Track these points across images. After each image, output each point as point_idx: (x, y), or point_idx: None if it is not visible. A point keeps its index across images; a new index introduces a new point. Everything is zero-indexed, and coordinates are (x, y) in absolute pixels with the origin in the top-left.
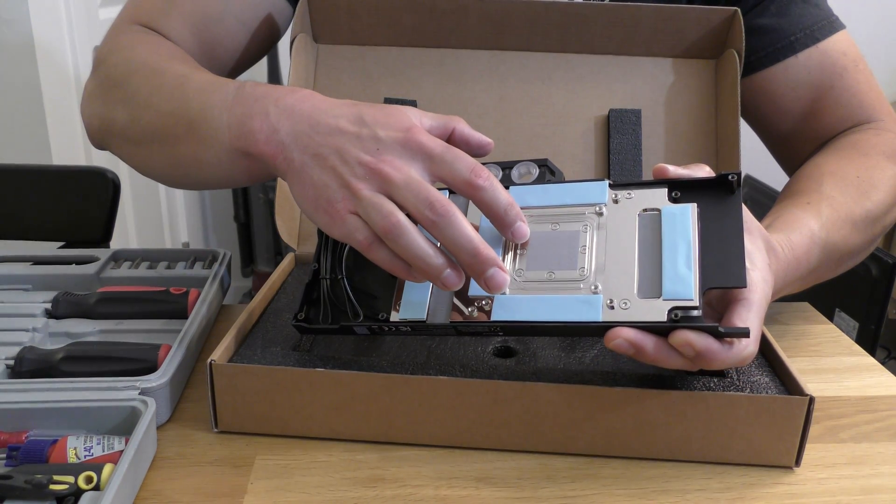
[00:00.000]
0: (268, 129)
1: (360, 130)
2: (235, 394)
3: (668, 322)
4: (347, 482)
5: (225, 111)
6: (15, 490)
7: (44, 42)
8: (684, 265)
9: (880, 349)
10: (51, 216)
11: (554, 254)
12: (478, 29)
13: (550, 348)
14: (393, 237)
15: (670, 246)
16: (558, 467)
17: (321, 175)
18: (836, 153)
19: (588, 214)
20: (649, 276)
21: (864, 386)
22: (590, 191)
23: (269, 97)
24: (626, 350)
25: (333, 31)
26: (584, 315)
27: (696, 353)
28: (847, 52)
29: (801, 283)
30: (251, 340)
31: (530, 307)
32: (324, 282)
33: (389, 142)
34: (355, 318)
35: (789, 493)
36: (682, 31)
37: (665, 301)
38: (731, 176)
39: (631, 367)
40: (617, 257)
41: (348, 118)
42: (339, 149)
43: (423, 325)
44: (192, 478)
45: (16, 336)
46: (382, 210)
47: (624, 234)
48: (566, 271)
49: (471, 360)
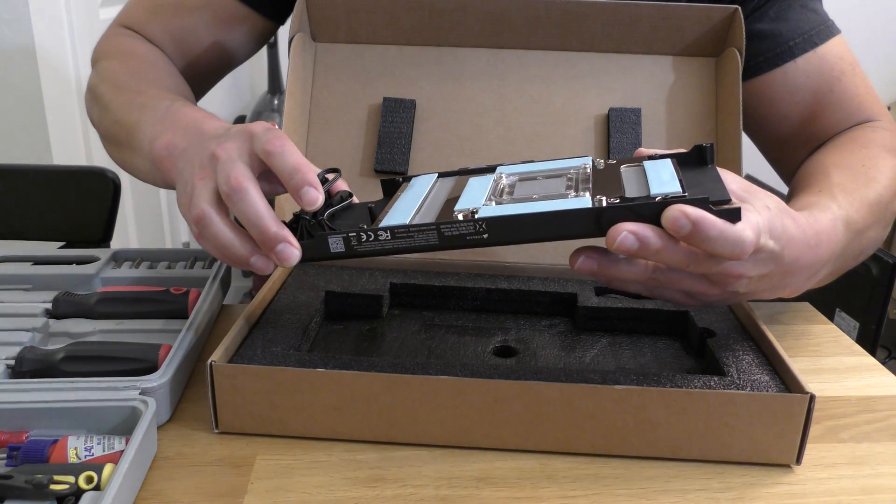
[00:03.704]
0: (168, 146)
1: (225, 133)
2: (235, 394)
3: (659, 200)
4: (348, 482)
5: (149, 126)
6: (15, 490)
7: (44, 42)
8: (669, 177)
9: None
10: (51, 216)
11: (541, 189)
12: (477, 27)
13: (551, 348)
14: (201, 227)
15: (655, 174)
16: (558, 467)
17: (186, 177)
18: (836, 148)
19: (573, 173)
20: (637, 190)
21: (865, 386)
22: (573, 162)
23: (180, 120)
24: (630, 245)
25: (332, 29)
26: (572, 205)
27: (692, 223)
28: (844, 56)
29: (834, 264)
30: (251, 340)
31: (518, 208)
32: (303, 219)
33: (234, 131)
34: (331, 231)
35: (790, 493)
36: (682, 30)
37: (654, 195)
38: (705, 144)
39: (632, 366)
40: (604, 181)
41: (224, 129)
42: (203, 151)
43: (403, 229)
44: (192, 478)
45: (16, 336)
46: (194, 200)
47: (610, 176)
48: (553, 192)
49: (471, 359)
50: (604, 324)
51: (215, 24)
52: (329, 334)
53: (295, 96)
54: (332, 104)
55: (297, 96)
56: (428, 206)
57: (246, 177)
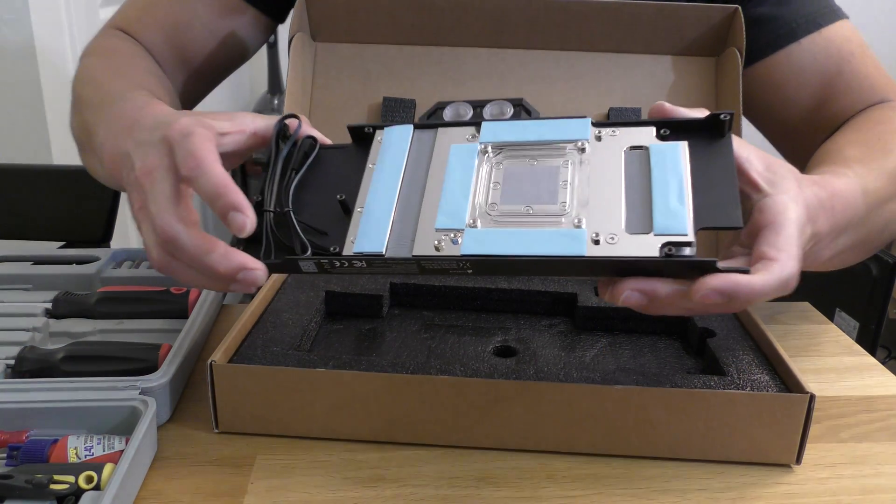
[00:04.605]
0: (111, 154)
1: (149, 140)
2: (236, 394)
3: (661, 258)
4: (348, 482)
5: (103, 126)
6: (15, 490)
7: (44, 42)
8: (676, 200)
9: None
10: (51, 216)
11: (532, 188)
12: (477, 27)
13: (551, 348)
14: (139, 221)
15: (661, 182)
16: (558, 467)
17: (130, 200)
18: (849, 128)
19: (569, 150)
20: (638, 212)
21: (865, 386)
22: (571, 127)
23: (122, 121)
24: (637, 301)
25: (331, 29)
26: (566, 249)
27: (728, 297)
28: (852, 38)
29: (854, 234)
30: (251, 340)
31: (505, 241)
32: (267, 215)
33: (156, 139)
34: (303, 252)
35: (790, 493)
36: (682, 29)
37: (656, 236)
38: (724, 115)
39: (632, 366)
40: (601, 193)
41: (151, 130)
42: (131, 169)
43: (381, 260)
44: (192, 477)
45: (16, 336)
46: (145, 242)
47: (609, 171)
48: (546, 205)
49: (471, 359)
50: (604, 324)
51: (212, 19)
52: (329, 334)
53: (295, 96)
54: (332, 104)
55: (297, 96)
56: (406, 198)
57: (172, 222)
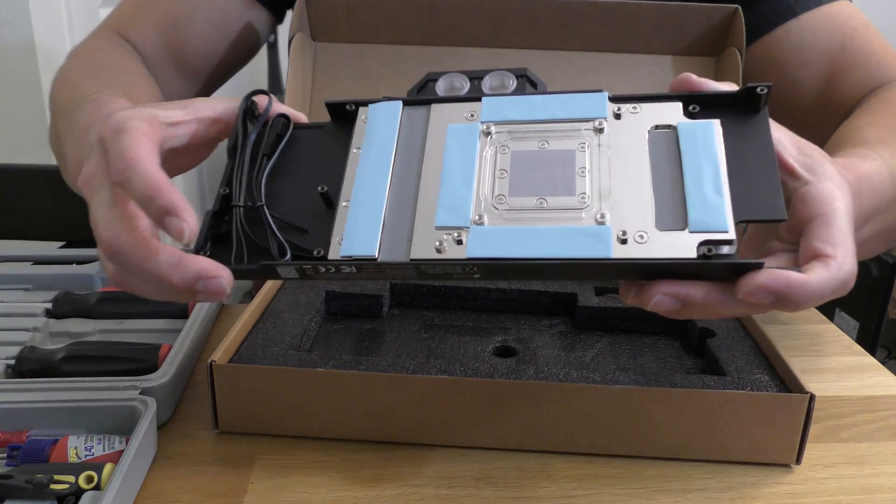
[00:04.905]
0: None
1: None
2: (236, 394)
3: (699, 259)
4: (348, 482)
5: (69, 135)
6: (16, 490)
7: (44, 42)
8: (713, 190)
9: (881, 349)
10: (51, 216)
11: (544, 177)
12: (477, 27)
13: (551, 347)
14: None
15: (693, 168)
16: (558, 467)
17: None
18: (864, 110)
19: (584, 131)
20: (669, 204)
21: (865, 386)
22: (585, 104)
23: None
24: (669, 306)
25: (331, 29)
26: (590, 250)
27: (778, 297)
28: (854, 15)
29: (880, 221)
30: (251, 340)
31: (518, 241)
32: (236, 210)
33: (94, 143)
34: (281, 256)
35: (790, 493)
36: (682, 29)
37: (692, 234)
38: (761, 88)
39: (632, 366)
40: (625, 181)
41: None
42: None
43: (373, 265)
44: (192, 477)
45: (16, 336)
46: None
47: (632, 155)
48: (562, 197)
49: (471, 359)
50: (604, 324)
51: (216, 13)
52: (329, 334)
53: (295, 96)
54: None
55: (297, 96)
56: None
57: (113, 231)
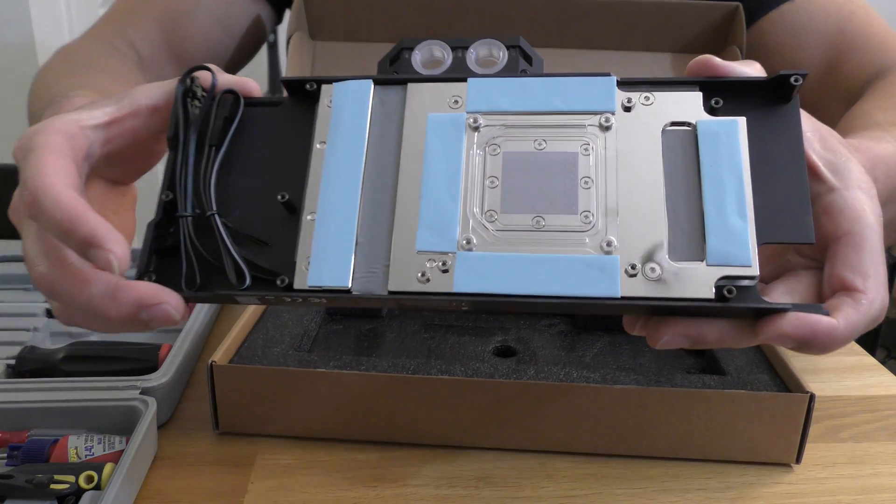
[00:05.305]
0: None
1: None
2: (236, 394)
3: (716, 301)
4: (348, 482)
5: None
6: (16, 489)
7: (44, 42)
8: (735, 212)
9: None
10: None
11: (542, 187)
12: (476, 25)
13: (551, 347)
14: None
15: (714, 181)
16: (558, 467)
17: None
18: (872, 95)
19: (589, 127)
20: (685, 227)
21: (865, 385)
22: (590, 91)
23: None
24: (679, 345)
25: (330, 27)
26: (595, 288)
27: (801, 343)
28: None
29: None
30: (251, 341)
31: (511, 273)
32: (183, 221)
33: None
34: (240, 283)
35: (789, 493)
36: (682, 27)
37: (710, 267)
38: (795, 77)
39: (632, 366)
40: (635, 195)
41: None
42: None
43: (346, 296)
44: (192, 477)
45: (16, 336)
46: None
47: (643, 161)
48: (562, 216)
49: (471, 359)
50: (604, 324)
51: (219, 6)
52: (329, 334)
53: None
54: None
55: None
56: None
57: (43, 265)
